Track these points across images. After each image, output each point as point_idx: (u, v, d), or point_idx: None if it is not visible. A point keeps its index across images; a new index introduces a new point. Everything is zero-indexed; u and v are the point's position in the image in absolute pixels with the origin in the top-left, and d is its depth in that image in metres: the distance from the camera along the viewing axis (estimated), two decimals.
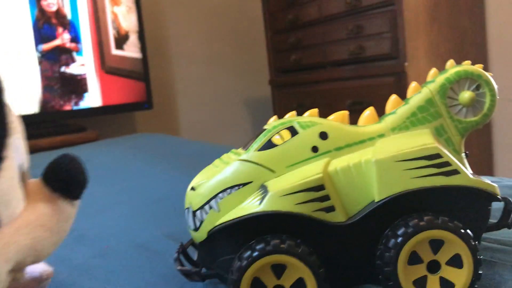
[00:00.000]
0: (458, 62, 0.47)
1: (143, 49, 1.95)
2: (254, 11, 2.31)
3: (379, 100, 0.47)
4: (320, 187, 0.40)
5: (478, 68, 0.46)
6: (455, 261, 0.38)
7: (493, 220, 0.48)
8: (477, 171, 1.50)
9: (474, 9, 1.68)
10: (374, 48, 1.61)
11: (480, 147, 1.70)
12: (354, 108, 1.56)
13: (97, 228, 0.71)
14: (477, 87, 0.46)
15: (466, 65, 0.46)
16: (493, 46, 1.67)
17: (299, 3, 1.89)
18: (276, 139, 0.44)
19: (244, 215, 0.41)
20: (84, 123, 1.93)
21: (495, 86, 0.46)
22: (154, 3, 2.20)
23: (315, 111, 0.47)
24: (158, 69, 2.21)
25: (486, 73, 0.46)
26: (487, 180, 0.42)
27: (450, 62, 0.47)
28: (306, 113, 0.47)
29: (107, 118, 2.07)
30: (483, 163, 1.71)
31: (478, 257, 0.38)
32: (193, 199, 0.44)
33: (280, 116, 0.48)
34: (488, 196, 0.41)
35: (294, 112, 0.47)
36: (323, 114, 0.47)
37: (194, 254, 0.48)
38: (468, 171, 0.43)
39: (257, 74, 2.42)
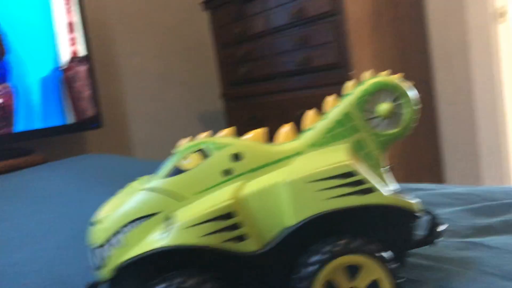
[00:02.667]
0: (402, 69, 0.45)
1: (90, 67, 1.89)
2: (202, 25, 2.29)
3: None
4: (230, 215, 0.37)
5: (396, 78, 0.44)
6: (374, 283, 0.36)
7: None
8: (427, 177, 1.50)
9: (414, 16, 1.71)
10: (321, 58, 1.61)
11: (428, 152, 1.71)
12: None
13: (20, 263, 0.66)
14: (396, 98, 0.44)
15: (384, 76, 0.44)
16: (435, 52, 1.70)
17: (246, 16, 1.88)
18: (185, 164, 0.41)
19: (147, 251, 0.37)
20: (31, 145, 1.84)
21: (414, 97, 0.44)
22: (101, 19, 2.15)
23: (231, 130, 0.44)
24: (106, 87, 2.15)
25: (404, 84, 0.44)
26: (406, 197, 0.40)
27: (368, 73, 0.46)
28: (222, 133, 0.44)
29: (57, 139, 1.99)
30: (432, 168, 1.73)
31: (398, 281, 0.36)
32: (96, 234, 0.41)
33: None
34: (407, 214, 0.39)
35: (208, 133, 0.44)
36: (275, 125, 0.44)
37: None
38: (388, 187, 0.41)
39: (209, 88, 2.39)
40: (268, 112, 1.85)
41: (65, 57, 1.86)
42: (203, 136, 0.44)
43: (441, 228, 0.43)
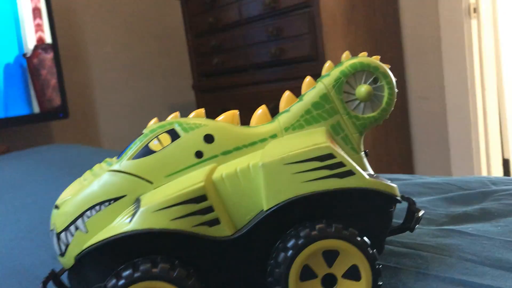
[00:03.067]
0: None
1: (56, 55, 1.82)
2: (174, 14, 2.25)
3: None
4: (202, 198, 0.35)
5: (375, 60, 0.43)
6: (352, 273, 0.34)
7: (399, 221, 0.45)
8: (398, 169, 1.50)
9: (388, 10, 1.71)
10: (294, 50, 1.59)
11: (399, 145, 1.73)
12: (277, 111, 1.53)
13: None
14: (375, 80, 0.42)
15: (362, 57, 0.43)
16: (408, 46, 1.71)
17: (218, 6, 1.85)
18: (154, 145, 0.39)
19: (111, 236, 0.34)
20: None
21: (393, 79, 0.43)
22: (67, 6, 2.08)
23: (201, 111, 0.42)
24: (73, 76, 2.08)
25: (383, 65, 0.43)
26: (387, 180, 0.39)
27: (346, 54, 0.44)
28: (192, 114, 0.42)
29: (21, 129, 1.92)
30: (403, 161, 1.74)
31: (377, 266, 0.35)
32: (57, 219, 0.38)
33: None
34: (387, 198, 0.38)
35: (177, 113, 0.42)
36: (248, 117, 0.42)
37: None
38: (367, 171, 0.39)
39: (180, 78, 2.35)
40: (241, 104, 1.83)
41: (30, 44, 1.79)
42: (171, 117, 0.41)
43: (419, 214, 0.42)
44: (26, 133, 1.96)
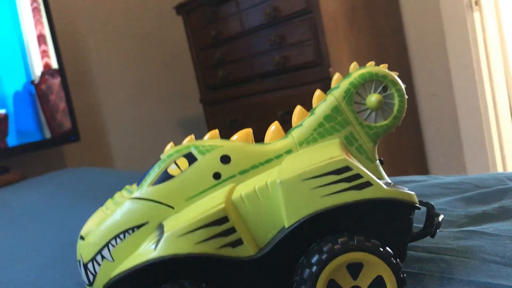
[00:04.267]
0: (381, 63, 0.44)
1: (63, 80, 1.85)
2: (177, 30, 2.26)
3: (309, 107, 0.43)
4: (223, 220, 0.36)
5: (383, 68, 0.43)
6: (378, 284, 0.35)
7: (420, 225, 0.45)
8: (412, 170, 1.49)
9: (390, 10, 1.71)
10: (298, 56, 1.60)
11: (412, 146, 1.72)
12: (287, 118, 1.54)
13: (6, 285, 0.63)
14: (384, 89, 0.43)
15: (370, 67, 0.43)
16: (412, 44, 1.70)
17: (220, 18, 1.86)
18: (172, 170, 0.39)
19: (138, 264, 0.35)
20: (8, 163, 1.79)
21: (403, 86, 0.43)
22: (71, 30, 2.10)
23: (215, 132, 0.42)
24: (82, 98, 2.11)
25: (392, 73, 0.43)
26: (404, 188, 0.39)
27: (354, 65, 0.44)
28: (206, 136, 0.42)
29: (34, 155, 1.94)
30: (417, 161, 1.73)
31: (402, 276, 0.35)
32: (83, 250, 0.38)
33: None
34: (406, 206, 0.38)
35: (192, 136, 0.42)
36: (257, 126, 0.43)
37: None
38: (383, 180, 0.40)
39: (187, 93, 2.36)
40: (249, 114, 1.84)
41: (37, 70, 1.82)
42: (187, 140, 0.42)
43: (439, 219, 0.42)
44: (39, 158, 1.98)
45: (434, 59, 1.64)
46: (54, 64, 1.85)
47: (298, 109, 0.43)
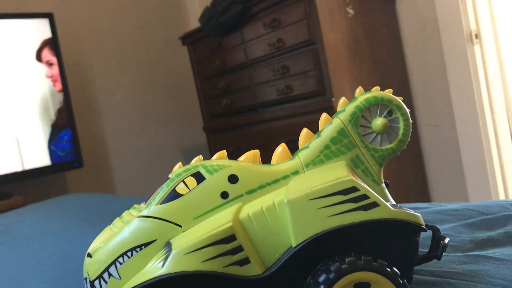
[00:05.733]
0: None
1: (68, 105, 1.87)
2: (182, 60, 2.30)
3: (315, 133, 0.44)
4: (231, 238, 0.36)
5: (388, 93, 0.44)
6: None
7: (425, 249, 0.45)
8: (415, 198, 1.49)
9: (391, 42, 1.74)
10: (301, 86, 1.62)
11: (414, 174, 1.72)
12: (289, 146, 1.55)
13: None
14: (389, 113, 0.44)
15: (375, 91, 0.44)
16: (413, 75, 1.73)
17: (225, 49, 1.89)
18: (180, 189, 0.40)
19: (146, 281, 0.35)
20: (10, 188, 1.79)
21: (407, 110, 0.44)
22: (77, 58, 2.14)
23: (223, 153, 0.43)
24: (86, 125, 2.12)
25: (396, 98, 0.44)
26: (410, 210, 0.39)
27: (359, 89, 0.45)
28: (214, 156, 0.43)
29: (37, 181, 1.95)
30: (420, 190, 1.73)
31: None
32: (90, 267, 0.38)
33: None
34: (413, 227, 0.38)
35: (200, 156, 0.43)
36: (260, 155, 0.43)
37: None
38: (389, 202, 0.40)
39: (191, 122, 2.38)
40: (252, 142, 1.85)
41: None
42: (196, 160, 0.42)
43: (445, 241, 0.42)
44: (41, 184, 1.98)
45: (435, 90, 1.66)
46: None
47: (305, 131, 0.44)
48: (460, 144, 1.60)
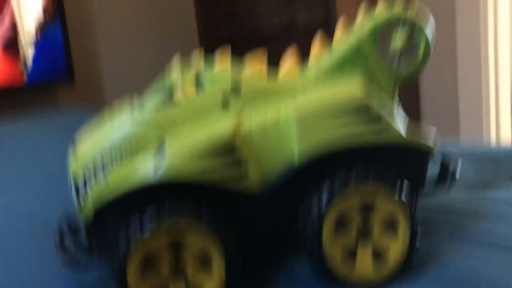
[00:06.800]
0: None
1: (62, 19, 1.80)
2: None
3: None
4: (230, 151, 0.33)
5: (411, 10, 0.40)
6: (389, 227, 0.33)
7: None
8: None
9: None
10: (307, 18, 1.55)
11: (408, 105, 1.69)
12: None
13: None
14: (410, 31, 0.40)
15: (398, 8, 0.40)
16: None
17: None
18: (178, 97, 0.36)
19: (135, 186, 0.32)
20: None
21: (430, 29, 0.40)
22: None
23: (227, 60, 0.39)
24: (80, 42, 2.05)
25: (420, 16, 0.40)
26: (423, 132, 0.36)
27: (380, 6, 0.41)
28: (217, 60, 0.39)
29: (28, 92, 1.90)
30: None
31: (416, 221, 0.33)
32: (75, 171, 0.36)
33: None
34: (423, 153, 0.36)
35: (200, 60, 0.39)
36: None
37: None
38: (402, 124, 0.37)
39: (188, 45, 2.31)
40: (248, 47, 1.80)
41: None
42: (196, 64, 0.38)
43: (454, 170, 0.40)
44: (31, 97, 1.94)
45: (440, 35, 1.60)
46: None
47: (318, 41, 0.40)
48: (458, 81, 1.57)
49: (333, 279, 0.32)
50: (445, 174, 0.40)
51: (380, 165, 0.34)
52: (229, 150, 0.33)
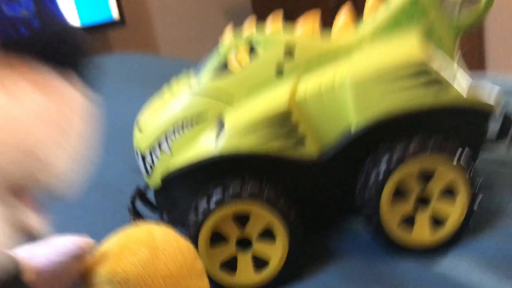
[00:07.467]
0: None
1: None
2: None
3: None
4: (286, 120, 0.33)
5: None
6: (448, 193, 0.33)
7: None
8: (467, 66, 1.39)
9: None
10: None
11: (471, 39, 1.60)
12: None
13: None
14: None
15: None
16: None
17: None
18: (233, 65, 0.36)
19: (199, 159, 0.34)
20: None
21: None
22: None
23: (278, 22, 0.38)
24: None
25: None
26: (483, 89, 0.35)
27: None
28: (268, 25, 0.38)
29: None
30: (474, 56, 1.62)
31: (476, 185, 0.32)
32: (140, 141, 0.38)
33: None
34: (483, 114, 0.34)
35: (252, 24, 0.38)
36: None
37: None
38: (463, 80, 0.35)
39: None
40: (299, 4, 1.73)
41: None
42: (248, 29, 0.38)
43: None
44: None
45: None
46: None
47: None
48: None
49: (390, 242, 0.33)
50: (508, 128, 0.38)
51: (440, 133, 0.33)
52: (285, 119, 0.33)
